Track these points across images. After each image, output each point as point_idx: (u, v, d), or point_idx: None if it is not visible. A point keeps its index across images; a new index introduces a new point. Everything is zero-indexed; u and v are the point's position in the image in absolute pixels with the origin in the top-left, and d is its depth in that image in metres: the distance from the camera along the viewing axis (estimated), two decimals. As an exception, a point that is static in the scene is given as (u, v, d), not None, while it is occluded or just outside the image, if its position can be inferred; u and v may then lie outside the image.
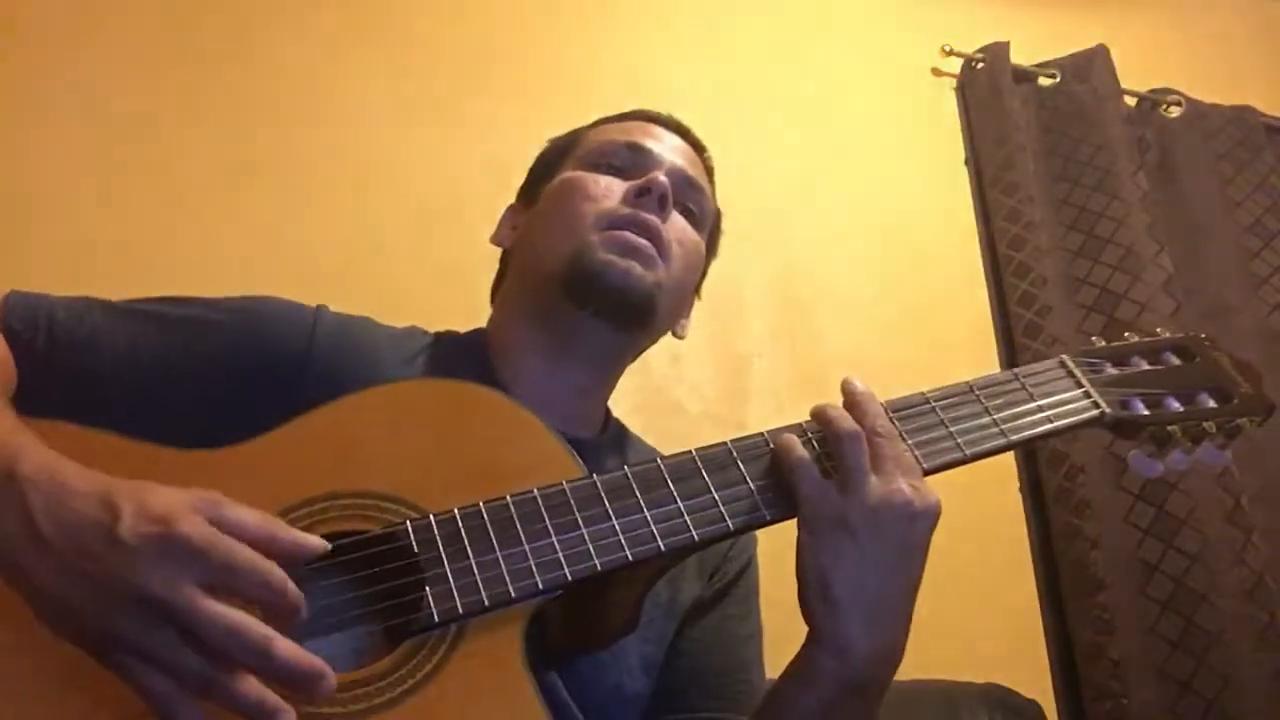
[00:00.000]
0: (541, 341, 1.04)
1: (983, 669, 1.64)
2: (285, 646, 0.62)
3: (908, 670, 1.68)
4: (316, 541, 0.69)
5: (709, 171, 1.18)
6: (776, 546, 0.97)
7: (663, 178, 1.04)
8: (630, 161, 1.08)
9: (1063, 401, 0.94)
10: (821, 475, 0.84)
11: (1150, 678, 1.75)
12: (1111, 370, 0.99)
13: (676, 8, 2.10)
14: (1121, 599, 1.79)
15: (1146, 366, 1.01)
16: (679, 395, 1.81)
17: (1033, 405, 0.92)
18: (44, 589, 0.63)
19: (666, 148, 1.12)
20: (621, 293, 1.00)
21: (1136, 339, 1.04)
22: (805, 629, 0.84)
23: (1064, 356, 0.98)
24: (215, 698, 0.62)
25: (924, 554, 0.84)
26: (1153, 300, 1.96)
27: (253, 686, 0.62)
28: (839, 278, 2.01)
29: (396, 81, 1.83)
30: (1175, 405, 0.97)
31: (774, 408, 1.87)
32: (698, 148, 1.17)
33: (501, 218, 1.18)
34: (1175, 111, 2.29)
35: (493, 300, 1.17)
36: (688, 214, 1.10)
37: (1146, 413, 0.95)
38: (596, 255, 1.00)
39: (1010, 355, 2.01)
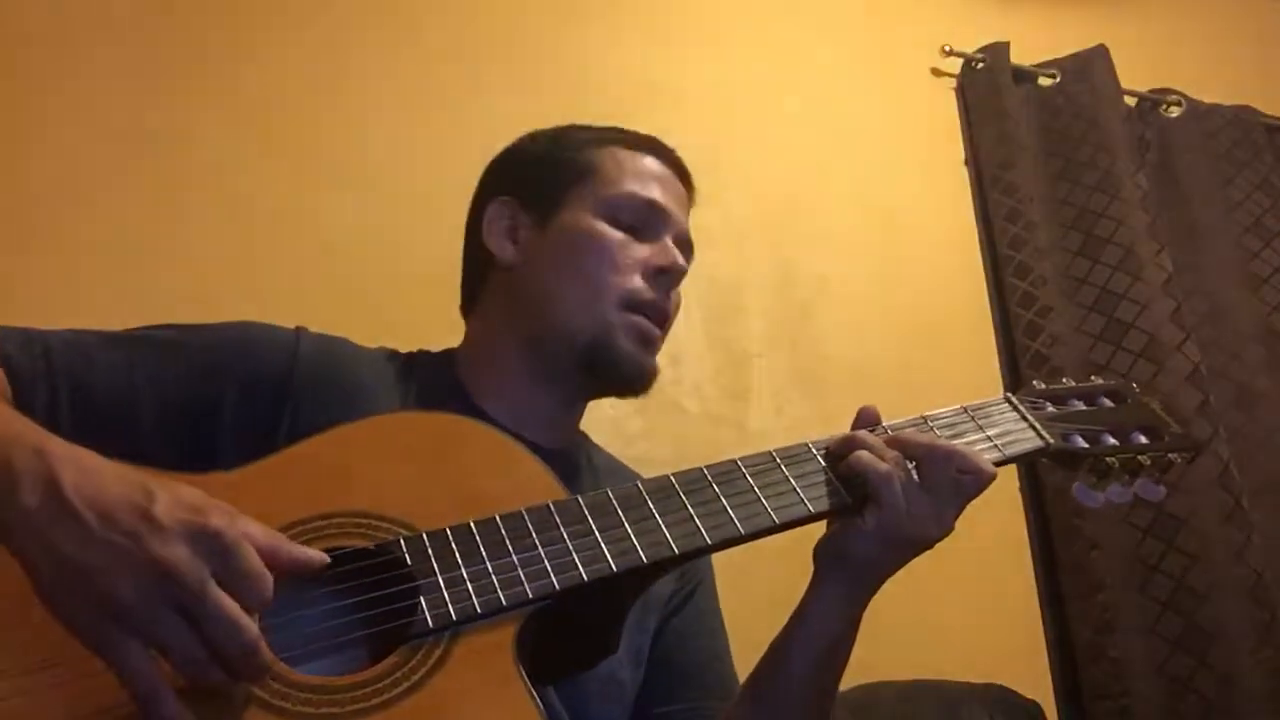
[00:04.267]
0: (527, 368, 1.08)
1: (983, 669, 1.64)
2: (268, 652, 0.67)
3: (908, 670, 1.69)
4: (316, 556, 0.73)
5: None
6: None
7: (681, 260, 1.09)
8: (647, 221, 1.10)
9: (1010, 433, 1.01)
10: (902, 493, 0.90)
11: (1150, 678, 1.76)
12: (1051, 409, 1.06)
13: (677, 7, 2.10)
14: (1121, 599, 1.79)
15: (1083, 407, 1.08)
16: (679, 395, 1.82)
17: (982, 436, 0.99)
18: (63, 557, 0.64)
19: (675, 202, 1.14)
20: (635, 381, 1.07)
21: (1073, 383, 1.12)
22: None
23: (1008, 394, 1.06)
24: (190, 678, 0.65)
25: None
26: (1153, 300, 1.96)
27: (221, 676, 0.66)
28: (839, 278, 2.01)
29: (396, 80, 1.83)
30: (1111, 440, 1.04)
31: (774, 408, 1.87)
32: (690, 189, 1.19)
33: (492, 213, 1.13)
34: (1175, 111, 2.30)
35: (470, 306, 1.16)
36: None
37: (1085, 445, 1.03)
38: (619, 345, 1.05)
39: (1010, 355, 2.02)
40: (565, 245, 1.09)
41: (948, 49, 2.22)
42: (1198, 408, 1.90)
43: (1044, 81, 2.22)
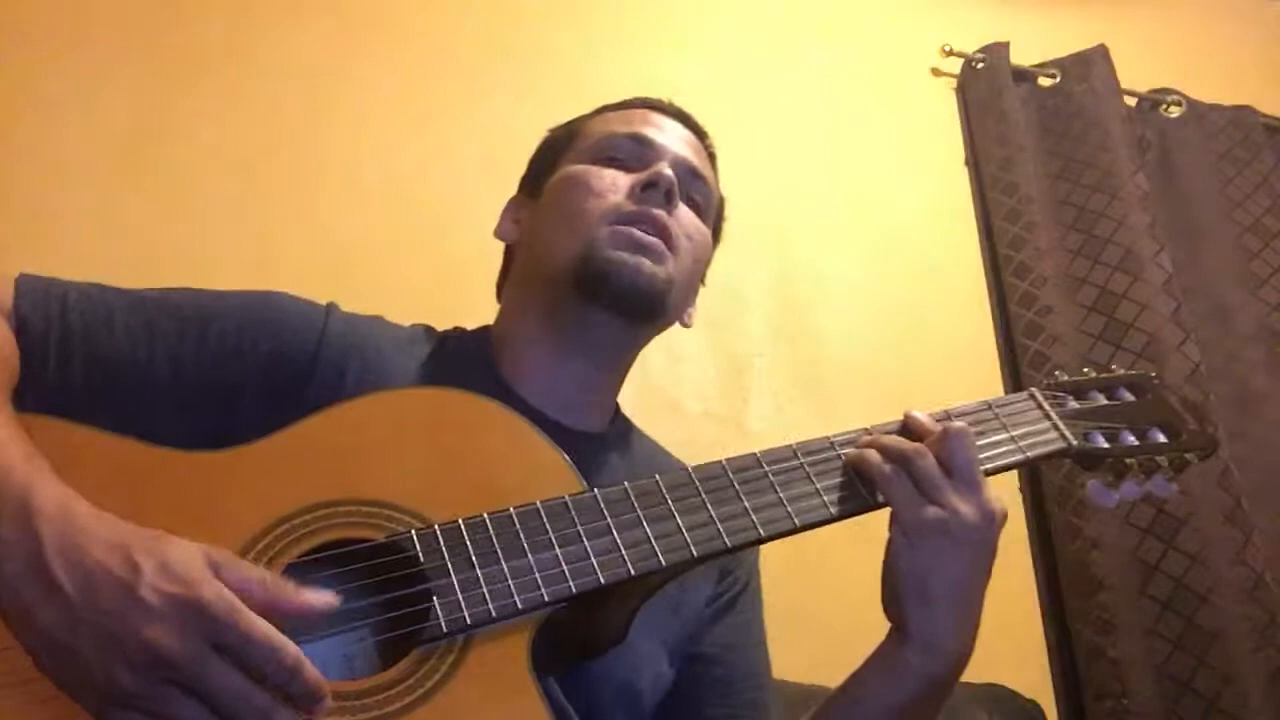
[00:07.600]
0: (550, 336, 1.04)
1: (983, 669, 1.63)
2: (290, 714, 0.63)
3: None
4: (321, 600, 0.68)
5: (711, 158, 1.17)
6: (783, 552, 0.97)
7: (668, 171, 1.03)
8: (634, 153, 1.06)
9: (1033, 433, 0.99)
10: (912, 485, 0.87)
11: (1150, 678, 1.75)
12: (1073, 404, 1.05)
13: (677, 7, 2.10)
14: (1121, 599, 1.79)
15: (1104, 401, 1.07)
16: (679, 395, 1.82)
17: (1006, 436, 0.97)
18: (51, 634, 0.62)
19: (670, 137, 1.10)
20: (633, 289, 0.99)
21: (1094, 374, 1.10)
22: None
23: (1033, 390, 1.04)
24: None
25: (995, 554, 0.91)
26: (1153, 300, 1.96)
27: None
28: (839, 278, 2.01)
29: (397, 81, 1.83)
30: (1130, 439, 1.03)
31: (774, 408, 1.87)
32: (700, 134, 1.16)
33: (503, 210, 1.16)
34: (1175, 111, 2.29)
35: (499, 296, 1.16)
36: (693, 205, 1.08)
37: (1106, 445, 1.02)
38: (605, 252, 0.99)
39: (1010, 355, 2.02)
40: (553, 198, 1.07)
41: (948, 49, 2.22)
42: (1198, 408, 1.90)
43: (1044, 81, 2.22)
